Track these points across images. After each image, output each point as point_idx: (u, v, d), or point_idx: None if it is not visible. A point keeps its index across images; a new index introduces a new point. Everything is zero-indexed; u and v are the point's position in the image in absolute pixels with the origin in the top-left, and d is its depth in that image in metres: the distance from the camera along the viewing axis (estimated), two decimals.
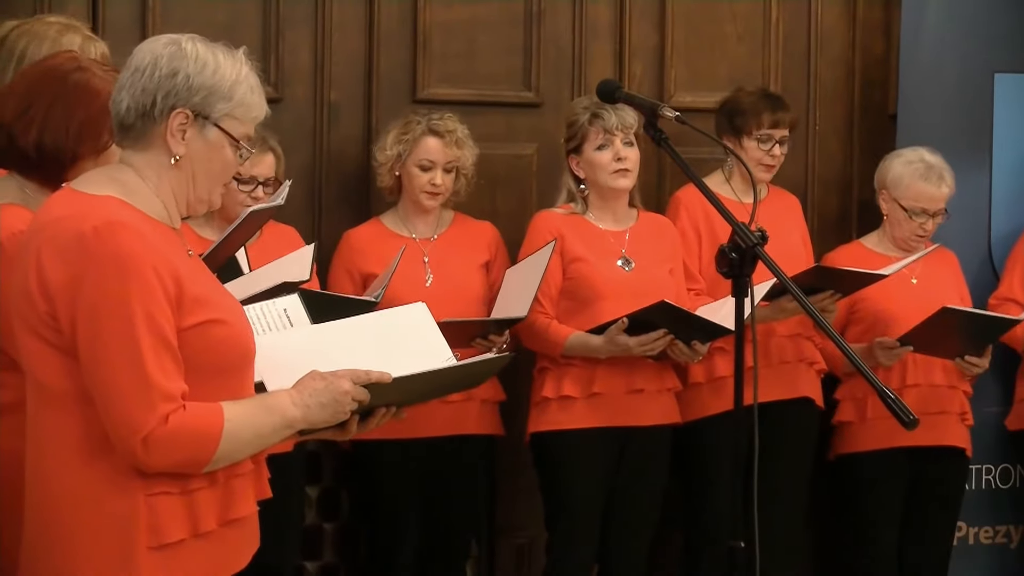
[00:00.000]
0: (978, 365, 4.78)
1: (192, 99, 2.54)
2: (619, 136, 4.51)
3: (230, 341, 2.55)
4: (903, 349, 4.70)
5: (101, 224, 2.45)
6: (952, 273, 4.99)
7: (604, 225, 4.62)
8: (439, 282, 4.53)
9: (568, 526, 4.53)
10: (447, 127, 4.58)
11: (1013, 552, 5.30)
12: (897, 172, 4.90)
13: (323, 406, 2.58)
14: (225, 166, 2.62)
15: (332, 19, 4.88)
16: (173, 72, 2.53)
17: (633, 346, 4.35)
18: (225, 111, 2.57)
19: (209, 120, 2.56)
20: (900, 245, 4.92)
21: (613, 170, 4.53)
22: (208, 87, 2.55)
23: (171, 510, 2.49)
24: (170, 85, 2.53)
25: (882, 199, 4.94)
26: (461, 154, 4.58)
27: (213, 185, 2.63)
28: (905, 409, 2.84)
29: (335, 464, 4.79)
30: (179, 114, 2.54)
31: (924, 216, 4.86)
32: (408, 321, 2.90)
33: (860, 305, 4.85)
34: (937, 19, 5.22)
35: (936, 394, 4.82)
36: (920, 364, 4.80)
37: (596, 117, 4.51)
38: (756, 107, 4.82)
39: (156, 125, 2.55)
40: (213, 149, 2.58)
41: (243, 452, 2.55)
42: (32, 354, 2.51)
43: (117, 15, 4.62)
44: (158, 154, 2.56)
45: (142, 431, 2.42)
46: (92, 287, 2.43)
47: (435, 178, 4.56)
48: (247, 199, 4.33)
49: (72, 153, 2.83)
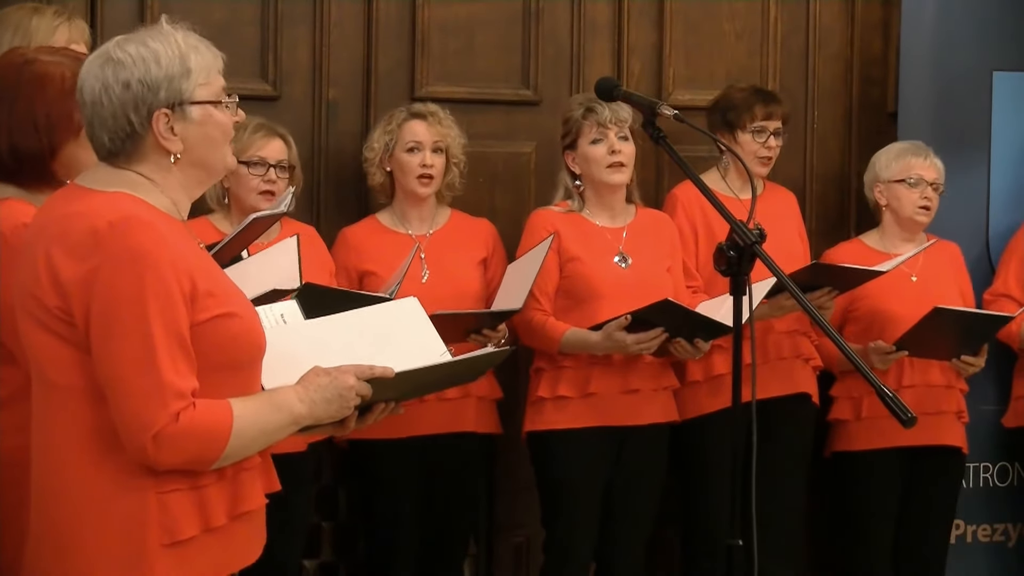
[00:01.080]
0: (974, 364, 4.78)
1: (159, 97, 2.52)
2: (613, 130, 4.51)
3: (243, 335, 2.56)
4: (898, 354, 4.69)
5: (117, 219, 2.45)
6: (954, 269, 4.99)
7: (601, 222, 4.61)
8: (436, 278, 4.52)
9: (565, 525, 4.53)
10: (429, 109, 4.61)
11: (1011, 550, 5.30)
12: (884, 159, 4.95)
13: (328, 401, 2.59)
14: (223, 128, 2.60)
15: (330, 17, 4.88)
16: (125, 85, 2.51)
17: (630, 343, 4.35)
18: (192, 87, 2.55)
19: (184, 103, 2.54)
20: (906, 228, 4.90)
21: (608, 164, 4.53)
22: (164, 78, 2.52)
23: (182, 507, 2.49)
24: (131, 97, 2.51)
25: (877, 192, 4.94)
26: (447, 133, 4.59)
27: (222, 151, 2.62)
28: (903, 407, 2.84)
29: (333, 462, 4.78)
30: (160, 116, 2.52)
31: (923, 184, 4.86)
32: (401, 316, 2.89)
33: (859, 303, 4.85)
34: (936, 17, 5.22)
35: (933, 394, 4.81)
36: (917, 364, 4.79)
37: (590, 111, 4.52)
38: (748, 101, 4.83)
39: (145, 137, 2.54)
40: (204, 124, 2.57)
41: (251, 449, 2.55)
42: (41, 350, 2.51)
43: (116, 13, 4.62)
44: (157, 159, 2.56)
45: (153, 428, 2.41)
46: (107, 282, 2.43)
47: (425, 159, 4.55)
48: (260, 183, 4.33)
49: (48, 145, 2.81)
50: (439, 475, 4.56)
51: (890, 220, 4.95)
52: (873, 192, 4.96)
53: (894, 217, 4.94)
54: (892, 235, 4.94)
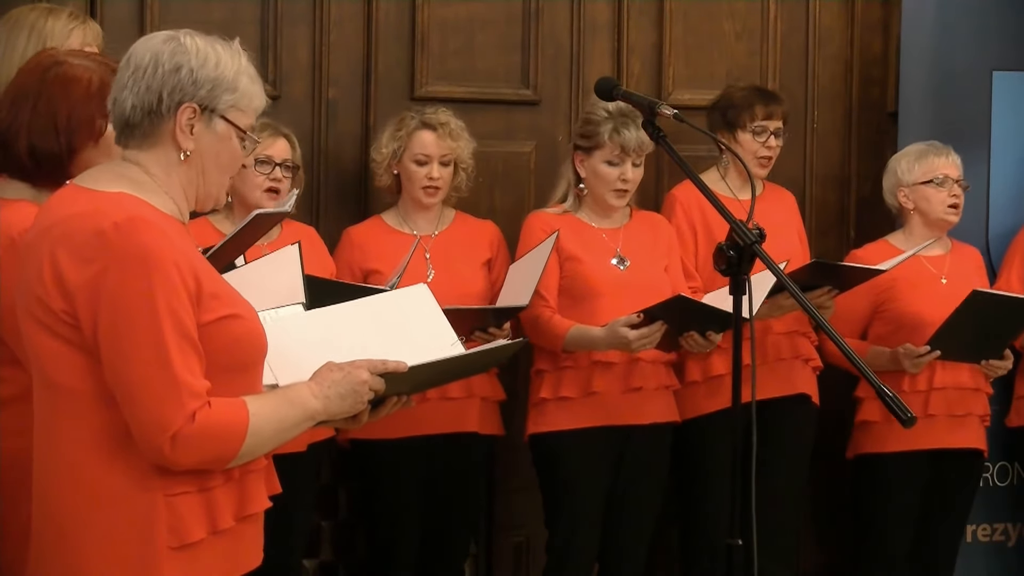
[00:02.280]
0: (1001, 368, 4.79)
1: (198, 93, 2.54)
2: (631, 158, 4.50)
3: (247, 337, 2.55)
4: (930, 355, 4.66)
5: (123, 220, 2.44)
6: (977, 271, 4.99)
7: (598, 224, 4.61)
8: (441, 278, 4.52)
9: (569, 526, 4.53)
10: (440, 120, 4.58)
11: (1011, 550, 5.30)
12: (905, 163, 4.91)
13: (342, 397, 2.60)
14: (233, 157, 2.61)
15: (330, 16, 4.88)
16: (176, 67, 2.53)
17: (633, 339, 4.33)
18: (231, 102, 2.57)
19: (216, 112, 2.56)
20: (934, 227, 4.87)
21: (614, 188, 4.53)
22: (212, 80, 2.54)
23: (191, 509, 2.49)
24: (175, 80, 2.53)
25: (902, 197, 4.89)
26: (456, 146, 4.58)
27: (222, 178, 2.62)
28: (903, 407, 2.84)
29: (333, 462, 4.78)
30: (187, 108, 2.53)
31: (949, 182, 4.85)
32: (410, 303, 2.88)
33: (889, 305, 4.83)
34: (936, 17, 5.23)
35: (962, 396, 4.81)
36: (948, 366, 4.77)
37: (617, 133, 4.48)
38: (748, 100, 4.83)
39: (164, 122, 2.54)
40: (221, 141, 2.58)
41: (266, 446, 2.55)
42: (46, 353, 2.49)
43: (115, 12, 4.61)
44: (166, 151, 2.56)
45: (170, 429, 2.41)
46: (115, 284, 2.42)
47: (432, 172, 4.55)
48: (265, 181, 4.33)
49: (67, 148, 2.82)
50: (440, 475, 4.55)
51: (918, 222, 4.91)
52: (897, 197, 4.92)
53: (923, 219, 4.90)
54: (919, 236, 4.88)
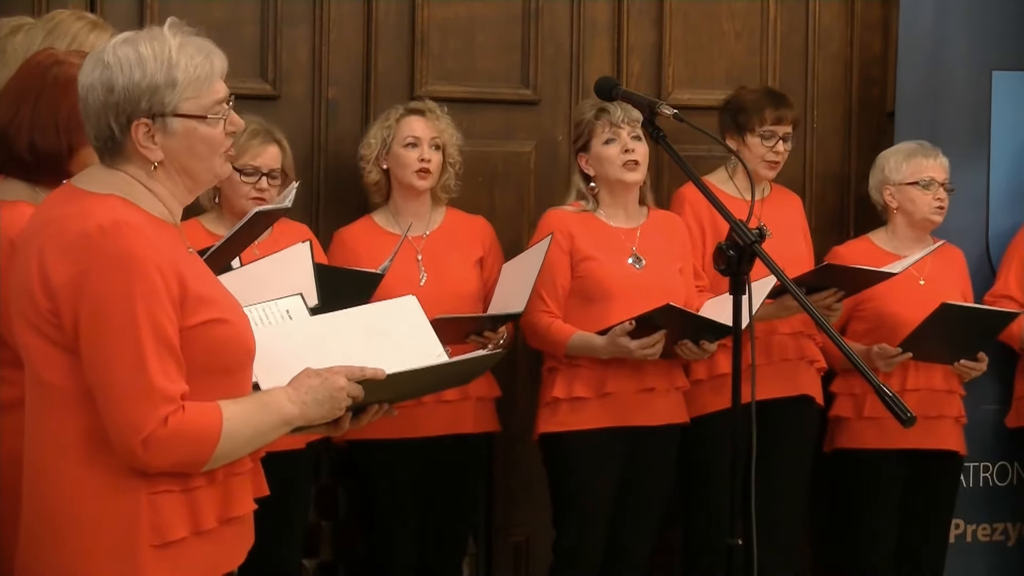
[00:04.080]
0: (975, 369, 4.79)
1: (140, 107, 2.50)
2: (626, 129, 4.51)
3: (232, 340, 2.56)
4: (902, 356, 4.69)
5: (107, 223, 2.44)
6: (959, 273, 4.99)
7: (615, 223, 4.60)
8: (433, 281, 4.52)
9: (578, 525, 4.52)
10: (427, 106, 4.62)
11: (1011, 549, 5.30)
12: (892, 162, 4.92)
13: (319, 403, 2.59)
14: (209, 142, 2.57)
15: (330, 16, 4.87)
16: (109, 90, 2.50)
17: (634, 348, 4.33)
18: (176, 99, 2.52)
19: (166, 116, 2.52)
20: (918, 228, 4.89)
21: (622, 163, 4.53)
22: (146, 88, 2.50)
23: (173, 508, 2.49)
24: (113, 103, 2.50)
25: (887, 195, 4.92)
26: (444, 129, 4.59)
27: (208, 163, 2.58)
28: (903, 407, 2.84)
29: (332, 461, 4.78)
30: (139, 125, 2.51)
31: (935, 185, 4.86)
32: (399, 314, 2.90)
33: (866, 304, 4.84)
34: (935, 17, 5.22)
35: (935, 398, 4.82)
36: (921, 369, 4.79)
37: (602, 111, 4.51)
38: (759, 104, 4.83)
39: (126, 141, 2.53)
40: (188, 136, 2.54)
41: (241, 451, 2.56)
42: (34, 351, 2.51)
43: (115, 12, 4.61)
44: (140, 163, 2.55)
45: (143, 432, 2.42)
46: (96, 286, 2.43)
47: (423, 153, 4.55)
48: (251, 191, 4.32)
49: (67, 146, 2.82)
50: (439, 474, 4.55)
51: (902, 222, 4.93)
52: (882, 194, 4.94)
53: (907, 219, 4.91)
54: (902, 236, 4.92)
